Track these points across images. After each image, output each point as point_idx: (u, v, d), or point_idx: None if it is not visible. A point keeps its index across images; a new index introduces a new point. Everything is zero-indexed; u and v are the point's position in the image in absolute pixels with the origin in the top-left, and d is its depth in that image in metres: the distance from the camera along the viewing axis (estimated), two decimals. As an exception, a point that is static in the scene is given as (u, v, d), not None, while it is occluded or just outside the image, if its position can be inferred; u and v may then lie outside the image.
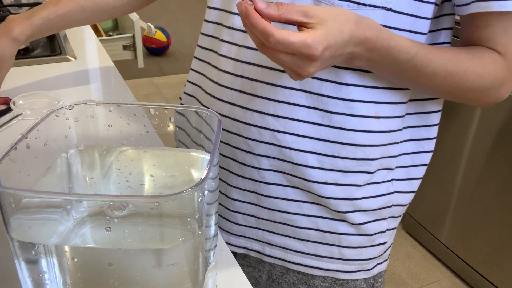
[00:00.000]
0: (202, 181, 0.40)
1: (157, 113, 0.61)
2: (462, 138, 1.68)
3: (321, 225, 0.68)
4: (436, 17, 0.62)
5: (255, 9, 0.49)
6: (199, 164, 0.57)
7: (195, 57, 0.75)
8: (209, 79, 0.69)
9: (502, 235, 1.60)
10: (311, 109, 0.62)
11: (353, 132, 0.62)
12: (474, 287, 1.76)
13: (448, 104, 1.53)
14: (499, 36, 0.59)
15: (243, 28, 0.64)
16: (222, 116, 0.66)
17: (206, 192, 0.43)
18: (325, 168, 0.64)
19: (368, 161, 0.65)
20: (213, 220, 0.48)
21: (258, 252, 0.73)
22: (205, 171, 0.42)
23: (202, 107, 0.54)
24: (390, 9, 0.57)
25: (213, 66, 0.69)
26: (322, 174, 0.65)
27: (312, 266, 0.72)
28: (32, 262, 0.43)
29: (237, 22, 0.64)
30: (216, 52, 0.68)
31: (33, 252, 0.42)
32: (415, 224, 1.99)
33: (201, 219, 0.44)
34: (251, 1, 0.49)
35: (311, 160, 0.64)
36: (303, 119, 0.63)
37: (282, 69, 0.62)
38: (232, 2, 0.65)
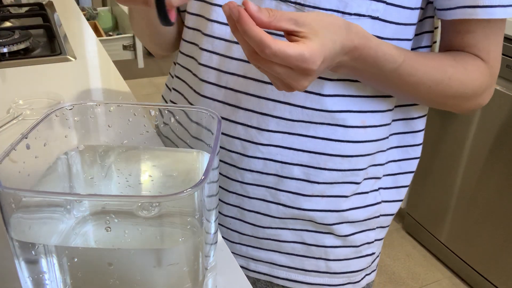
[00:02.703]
0: (202, 181, 0.40)
1: (157, 113, 0.61)
2: (462, 138, 1.68)
3: (307, 238, 0.67)
4: (419, 20, 0.61)
5: (247, 12, 0.44)
6: (199, 164, 0.57)
7: (178, 63, 0.71)
8: (191, 88, 0.67)
9: (502, 235, 1.60)
10: (295, 122, 0.60)
11: (339, 143, 0.61)
12: (474, 287, 1.76)
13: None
14: (481, 42, 0.58)
15: (224, 37, 0.61)
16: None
17: (206, 191, 0.43)
18: (311, 181, 0.63)
19: (355, 171, 0.63)
20: (213, 220, 0.48)
21: (242, 267, 0.71)
22: (205, 171, 0.42)
23: (202, 107, 0.54)
24: (377, 18, 0.55)
25: (194, 74, 0.66)
26: (308, 187, 0.63)
27: (299, 281, 0.70)
28: (32, 262, 0.43)
29: (217, 30, 0.61)
30: (196, 60, 0.66)
31: (33, 252, 0.42)
32: (415, 224, 1.99)
33: (201, 219, 0.44)
34: (242, 3, 0.44)
35: (297, 172, 0.62)
36: (287, 131, 0.61)
37: (267, 80, 0.59)
38: (210, 8, 0.61)
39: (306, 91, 0.59)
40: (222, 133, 0.63)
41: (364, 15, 0.55)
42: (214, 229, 0.50)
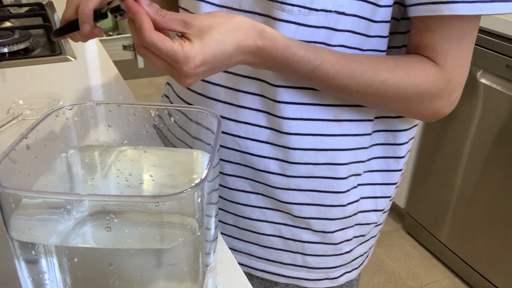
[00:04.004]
0: (202, 181, 0.40)
1: (157, 113, 0.61)
2: (462, 138, 1.68)
3: (284, 232, 0.68)
4: (405, 18, 0.60)
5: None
6: (199, 164, 0.57)
7: None
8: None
9: (502, 235, 1.60)
10: (270, 115, 0.61)
11: (312, 136, 0.61)
12: (474, 287, 1.76)
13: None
14: (439, 44, 0.56)
15: None
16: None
17: (206, 192, 0.43)
18: (287, 175, 0.63)
19: (332, 166, 0.63)
20: (213, 220, 0.48)
21: None
22: (205, 171, 0.42)
23: (202, 107, 0.54)
24: (343, 13, 0.55)
25: None
26: (285, 181, 0.64)
27: (276, 273, 0.71)
28: (32, 262, 0.43)
29: None
30: None
31: (33, 252, 0.42)
32: (415, 224, 1.99)
33: (201, 219, 0.44)
34: None
35: (273, 166, 0.63)
36: (263, 125, 0.62)
37: (242, 73, 0.61)
38: (197, 4, 0.62)
39: (275, 85, 0.59)
40: (200, 125, 0.64)
41: (331, 11, 0.55)
42: (214, 231, 0.50)
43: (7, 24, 1.35)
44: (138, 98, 3.04)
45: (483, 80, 1.57)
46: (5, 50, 1.14)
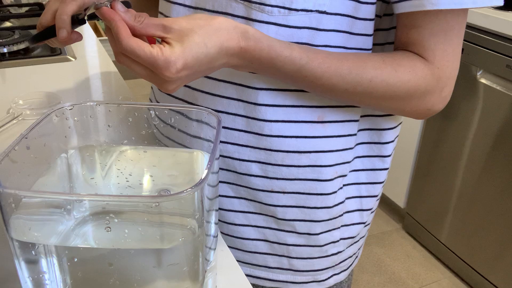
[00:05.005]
0: (202, 181, 0.40)
1: (157, 113, 0.61)
2: (462, 138, 1.68)
3: (269, 236, 0.67)
4: (387, 14, 0.59)
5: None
6: (199, 164, 0.57)
7: None
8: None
9: (502, 235, 1.60)
10: (250, 119, 0.61)
11: (295, 138, 0.60)
12: (474, 287, 1.76)
13: (448, 104, 1.53)
14: (426, 40, 0.55)
15: None
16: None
17: (206, 191, 0.43)
18: (270, 177, 0.63)
19: (316, 167, 0.62)
20: (213, 220, 0.48)
21: None
22: (205, 171, 0.42)
23: (202, 107, 0.54)
24: (324, 12, 0.54)
25: None
26: (267, 183, 0.63)
27: (262, 278, 0.70)
28: (32, 262, 0.43)
29: None
30: None
31: (33, 252, 0.42)
32: (415, 224, 1.99)
33: (201, 219, 0.44)
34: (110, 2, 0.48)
35: (255, 169, 0.63)
36: (243, 129, 0.61)
37: (221, 78, 0.60)
38: (170, 7, 0.61)
39: (256, 88, 0.59)
40: (181, 131, 0.63)
41: (311, 10, 0.54)
42: (214, 231, 0.50)
43: (7, 24, 1.35)
44: (138, 98, 3.04)
45: (483, 80, 1.57)
46: (5, 50, 1.14)
